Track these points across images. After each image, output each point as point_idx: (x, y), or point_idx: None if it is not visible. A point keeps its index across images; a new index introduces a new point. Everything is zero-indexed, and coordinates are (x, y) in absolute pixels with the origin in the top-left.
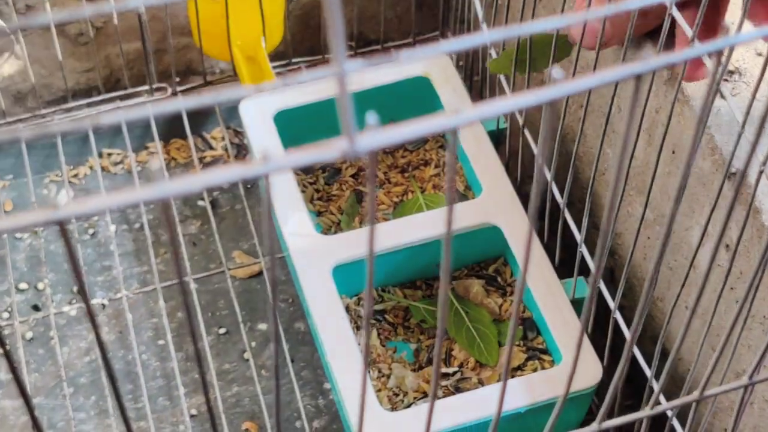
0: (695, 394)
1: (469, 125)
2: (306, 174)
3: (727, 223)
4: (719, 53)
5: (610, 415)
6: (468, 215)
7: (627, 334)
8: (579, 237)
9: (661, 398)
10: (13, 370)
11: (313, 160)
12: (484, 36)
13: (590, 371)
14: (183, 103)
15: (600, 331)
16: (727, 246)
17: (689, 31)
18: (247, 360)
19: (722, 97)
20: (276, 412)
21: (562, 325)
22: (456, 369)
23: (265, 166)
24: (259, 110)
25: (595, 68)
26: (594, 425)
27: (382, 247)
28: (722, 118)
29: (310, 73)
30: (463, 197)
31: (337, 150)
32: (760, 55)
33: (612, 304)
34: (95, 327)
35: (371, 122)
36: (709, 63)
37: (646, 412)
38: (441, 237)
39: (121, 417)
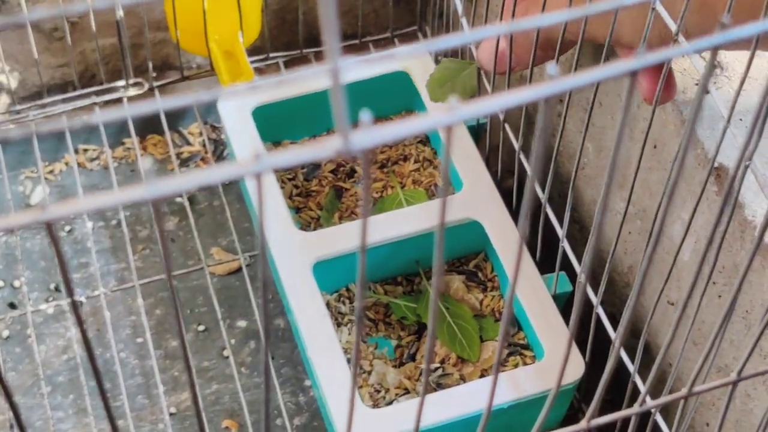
0: (683, 392)
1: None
2: (284, 170)
3: (717, 225)
4: (715, 50)
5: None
6: (449, 210)
7: (609, 329)
8: (560, 232)
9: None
10: None
11: (308, 158)
12: (471, 34)
13: (572, 367)
14: (161, 104)
15: (582, 327)
16: (710, 241)
17: (673, 26)
18: (227, 357)
19: (706, 91)
20: (265, 414)
21: (544, 321)
22: (437, 365)
23: (258, 165)
24: (237, 106)
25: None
26: (583, 423)
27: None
28: (704, 112)
29: (306, 70)
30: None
31: (332, 149)
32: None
33: (594, 300)
34: (81, 324)
35: (365, 120)
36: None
37: (634, 409)
38: (422, 233)
39: (106, 416)
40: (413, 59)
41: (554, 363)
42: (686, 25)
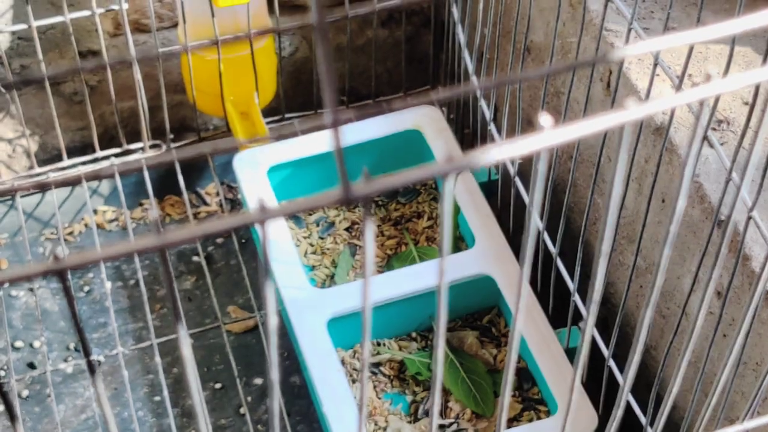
0: None
1: (460, 173)
2: (299, 228)
3: (714, 268)
4: (702, 102)
5: None
6: (461, 266)
7: (621, 381)
8: (572, 286)
9: None
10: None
11: (310, 207)
12: (473, 86)
13: (585, 420)
14: (179, 153)
15: (595, 381)
16: (719, 293)
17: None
18: (243, 415)
19: (710, 145)
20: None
21: (557, 375)
22: (452, 420)
23: (262, 214)
24: (252, 165)
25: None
26: None
27: (376, 299)
28: (711, 166)
29: (304, 123)
30: (456, 248)
31: (333, 197)
32: (746, 104)
33: (606, 352)
34: (94, 383)
35: (364, 172)
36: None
37: None
38: (435, 288)
39: None
40: (425, 117)
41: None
42: None
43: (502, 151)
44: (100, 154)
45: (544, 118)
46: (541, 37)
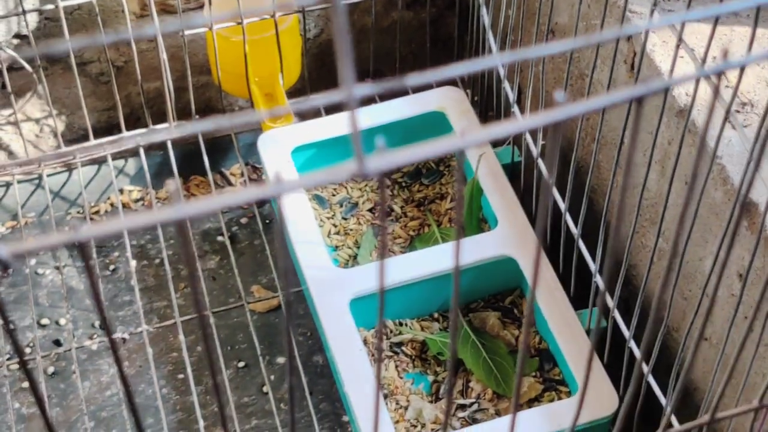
0: (706, 417)
1: (476, 147)
2: (323, 208)
3: (730, 250)
4: (719, 74)
5: None
6: (484, 247)
7: (643, 363)
8: (594, 267)
9: (674, 421)
10: (41, 406)
11: (327, 181)
12: (495, 59)
13: (606, 400)
14: (200, 126)
15: (616, 362)
16: (740, 275)
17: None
18: (266, 393)
19: (733, 128)
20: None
21: (579, 356)
22: (473, 400)
23: (279, 186)
24: (277, 145)
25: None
26: None
27: (398, 280)
28: (734, 148)
29: (322, 97)
30: (479, 230)
31: (347, 171)
32: None
33: (627, 334)
34: (117, 359)
35: (379, 145)
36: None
37: None
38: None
39: None
40: (449, 99)
41: (589, 397)
42: None
43: (517, 126)
44: (126, 134)
45: (559, 94)
46: (566, 19)
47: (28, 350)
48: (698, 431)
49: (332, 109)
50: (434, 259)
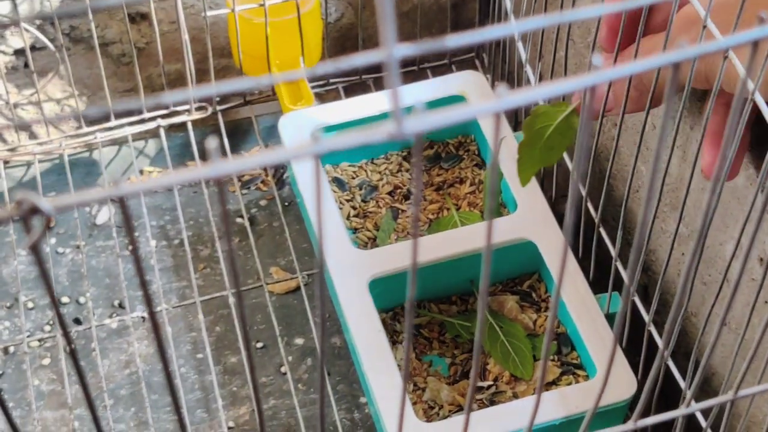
0: (729, 395)
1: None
2: (343, 191)
3: (754, 237)
4: (755, 43)
5: (646, 414)
6: (503, 231)
7: (660, 344)
8: (614, 252)
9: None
10: (82, 379)
11: (363, 142)
12: (512, 27)
13: (624, 384)
14: (216, 88)
15: (634, 346)
16: (761, 259)
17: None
18: (284, 374)
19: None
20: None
21: (597, 340)
22: (491, 383)
23: (315, 146)
24: (297, 127)
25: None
26: (630, 423)
27: (417, 261)
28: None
29: (359, 58)
30: (498, 214)
31: (385, 132)
32: None
33: (646, 318)
34: (156, 328)
35: (418, 107)
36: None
37: (681, 411)
38: (476, 252)
39: (177, 418)
40: (470, 83)
41: (608, 381)
42: None
43: (552, 89)
44: (146, 115)
45: (596, 57)
46: (588, 2)
47: (48, 328)
48: (718, 411)
49: (351, 91)
50: (453, 242)
